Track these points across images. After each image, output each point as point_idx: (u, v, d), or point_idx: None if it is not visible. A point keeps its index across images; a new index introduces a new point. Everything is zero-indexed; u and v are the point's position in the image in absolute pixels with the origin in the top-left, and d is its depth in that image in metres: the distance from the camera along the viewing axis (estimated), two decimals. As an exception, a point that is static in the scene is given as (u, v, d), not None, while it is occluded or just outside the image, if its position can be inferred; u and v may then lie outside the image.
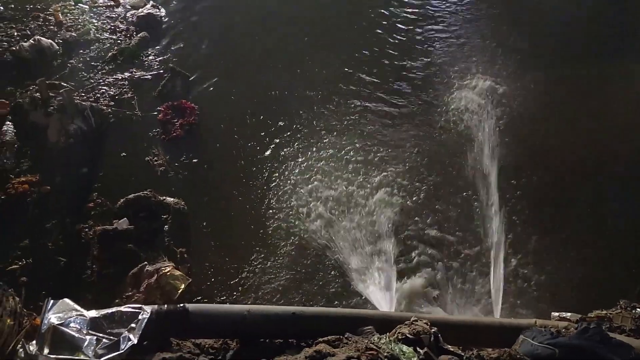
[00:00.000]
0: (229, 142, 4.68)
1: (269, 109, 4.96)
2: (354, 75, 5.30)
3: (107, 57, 5.21)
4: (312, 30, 5.75)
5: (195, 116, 4.79)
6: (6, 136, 4.26)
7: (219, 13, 5.94)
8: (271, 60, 5.44)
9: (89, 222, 3.91)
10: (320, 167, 4.44)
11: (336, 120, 4.89)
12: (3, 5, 5.56)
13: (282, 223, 4.07)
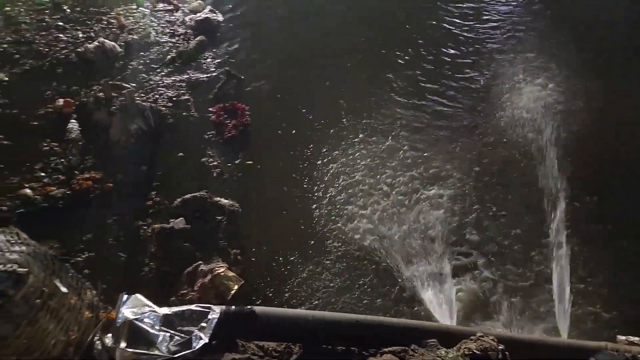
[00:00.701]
0: (281, 144, 4.71)
1: (320, 111, 4.97)
2: (410, 80, 5.25)
3: (166, 59, 5.33)
4: (366, 37, 5.73)
5: (246, 117, 4.82)
6: (72, 134, 4.40)
7: (273, 17, 6.03)
8: (324, 62, 5.44)
9: (148, 220, 3.97)
10: (374, 172, 4.39)
11: (384, 124, 4.84)
12: (70, 8, 5.78)
13: (336, 227, 4.03)
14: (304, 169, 4.44)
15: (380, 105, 5.04)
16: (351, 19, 6.12)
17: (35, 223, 3.70)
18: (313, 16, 6.11)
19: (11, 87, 4.84)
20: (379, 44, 5.76)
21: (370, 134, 4.75)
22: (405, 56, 5.56)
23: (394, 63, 5.50)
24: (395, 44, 5.74)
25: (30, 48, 5.25)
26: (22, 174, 4.08)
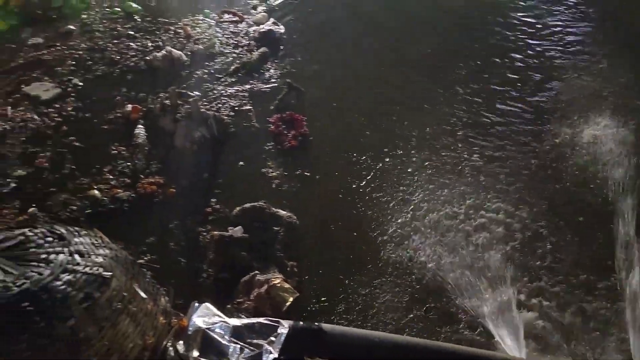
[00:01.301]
0: (339, 157, 4.70)
1: (379, 125, 4.97)
2: (482, 98, 5.16)
3: (229, 69, 5.44)
4: (431, 49, 5.70)
5: (305, 127, 4.86)
6: (139, 139, 4.55)
7: (335, 31, 6.09)
8: (385, 76, 5.45)
9: (207, 227, 4.04)
10: (436, 204, 4.31)
11: (449, 142, 4.77)
12: (140, 18, 6.01)
13: (396, 250, 3.98)
14: (363, 189, 4.40)
15: (446, 131, 4.95)
16: (420, 34, 6.08)
17: (102, 224, 3.83)
18: (376, 30, 6.13)
19: (84, 92, 5.07)
20: (448, 58, 5.68)
21: (436, 166, 4.65)
22: (477, 73, 5.47)
23: (464, 81, 5.41)
24: (468, 56, 5.65)
25: (103, 55, 5.49)
26: (92, 176, 4.25)
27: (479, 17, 6.40)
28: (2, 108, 4.80)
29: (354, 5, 6.61)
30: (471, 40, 6.01)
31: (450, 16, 6.42)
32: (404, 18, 6.44)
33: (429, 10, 6.57)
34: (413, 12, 6.54)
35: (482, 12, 6.49)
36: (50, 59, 5.42)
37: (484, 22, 6.33)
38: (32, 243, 1.84)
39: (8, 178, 4.21)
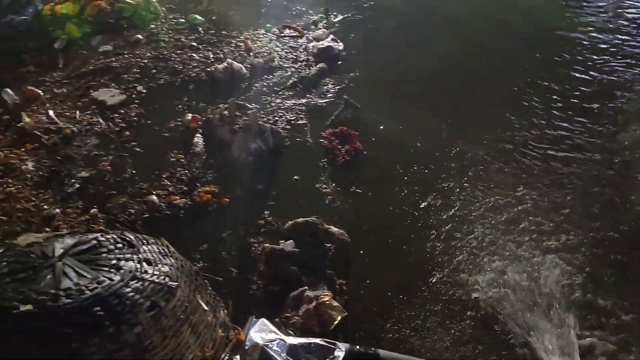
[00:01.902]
0: (393, 175, 4.67)
1: (435, 144, 4.92)
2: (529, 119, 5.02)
3: (288, 83, 5.51)
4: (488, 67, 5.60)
5: (357, 143, 4.84)
6: (197, 147, 4.65)
7: (394, 49, 6.10)
8: (443, 94, 5.40)
9: (259, 238, 4.07)
10: (497, 234, 4.19)
11: (508, 162, 4.64)
12: (204, 31, 6.19)
13: (449, 274, 3.89)
14: (416, 209, 4.34)
15: (503, 151, 4.84)
16: (479, 53, 6.00)
17: (158, 229, 3.92)
18: (435, 48, 6.09)
19: (147, 100, 5.24)
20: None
21: (496, 187, 4.54)
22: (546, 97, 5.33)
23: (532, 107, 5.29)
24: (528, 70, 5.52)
25: (167, 65, 5.67)
26: (151, 181, 4.36)
27: (538, 33, 6.27)
28: (72, 111, 5.01)
29: (414, 26, 6.60)
30: (532, 57, 5.88)
31: (504, 29, 6.32)
32: (463, 37, 6.38)
33: (485, 28, 6.49)
34: (471, 31, 6.47)
35: (540, 28, 6.38)
36: (118, 66, 5.64)
37: (544, 39, 6.21)
38: (104, 248, 1.89)
39: (73, 179, 4.37)
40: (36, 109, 5.01)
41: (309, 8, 6.86)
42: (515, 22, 6.70)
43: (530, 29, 6.64)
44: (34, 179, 4.31)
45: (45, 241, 1.86)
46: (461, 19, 6.72)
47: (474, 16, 6.77)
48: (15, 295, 1.63)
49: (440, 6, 6.95)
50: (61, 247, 1.83)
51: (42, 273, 1.71)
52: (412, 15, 6.77)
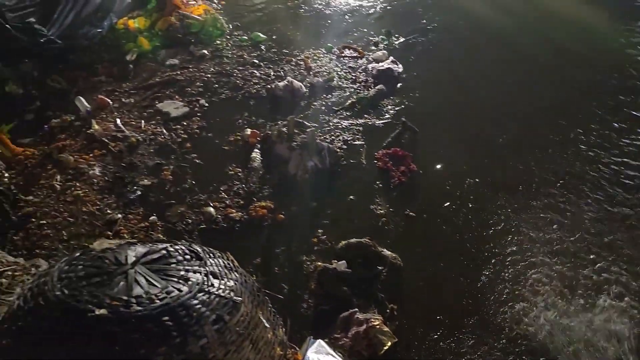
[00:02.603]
0: (449, 199, 4.59)
1: (492, 171, 4.83)
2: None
3: (346, 103, 5.54)
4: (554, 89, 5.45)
5: (412, 164, 4.80)
6: (254, 162, 4.73)
7: (455, 74, 6.04)
8: (503, 122, 5.31)
9: (312, 256, 4.08)
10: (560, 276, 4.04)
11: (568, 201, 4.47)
12: (266, 49, 6.34)
13: (507, 303, 3.76)
14: (472, 235, 4.23)
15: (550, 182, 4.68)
16: (546, 81, 5.86)
17: (213, 240, 4.01)
18: (497, 75, 5.99)
19: (209, 113, 5.39)
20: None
21: (558, 220, 4.39)
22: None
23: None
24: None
25: (229, 80, 5.83)
26: (209, 193, 4.46)
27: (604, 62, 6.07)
28: (138, 121, 5.22)
29: (476, 50, 6.53)
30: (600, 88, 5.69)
31: (572, 59, 6.16)
32: (525, 64, 6.26)
33: (553, 57, 6.35)
34: (535, 58, 6.34)
35: (607, 57, 6.19)
36: (183, 80, 5.85)
37: (611, 68, 6.01)
38: (173, 259, 1.94)
39: (135, 186, 4.53)
40: (105, 117, 5.24)
41: (370, 29, 6.91)
42: (584, 50, 6.49)
43: (596, 54, 6.42)
44: (100, 184, 4.50)
45: (119, 248, 1.93)
46: (525, 45, 6.59)
47: (538, 43, 6.63)
48: (91, 298, 1.69)
49: (505, 32, 6.86)
50: (134, 255, 1.89)
51: (115, 279, 1.77)
52: (475, 39, 6.70)
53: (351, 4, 7.51)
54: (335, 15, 7.25)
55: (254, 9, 7.38)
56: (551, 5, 7.48)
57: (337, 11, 7.34)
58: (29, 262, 2.98)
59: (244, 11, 7.27)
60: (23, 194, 4.29)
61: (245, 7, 7.38)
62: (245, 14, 7.19)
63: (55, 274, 1.81)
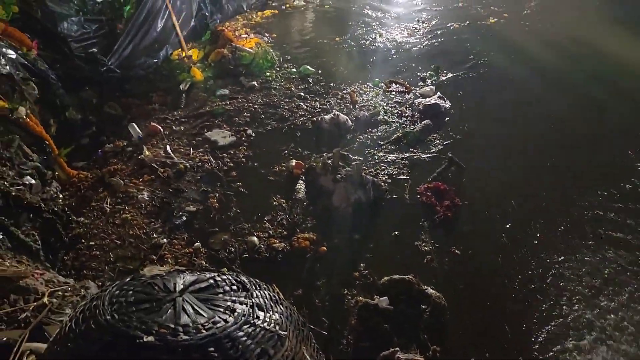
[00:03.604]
0: (496, 237, 4.45)
1: (537, 213, 4.65)
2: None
3: (391, 138, 5.53)
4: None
5: (456, 199, 4.70)
6: (299, 194, 4.75)
7: (503, 113, 5.96)
8: (551, 165, 5.15)
9: (353, 291, 4.01)
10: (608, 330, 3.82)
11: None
12: (313, 82, 6.44)
13: (558, 351, 3.56)
14: (518, 277, 4.08)
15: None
16: (604, 128, 5.69)
17: (255, 270, 4.01)
18: (547, 116, 5.86)
19: (255, 143, 5.47)
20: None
21: (618, 270, 4.19)
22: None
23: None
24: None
25: (276, 111, 5.93)
26: (253, 222, 4.49)
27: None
28: (186, 148, 5.35)
29: (526, 88, 6.44)
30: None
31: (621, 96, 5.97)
32: (577, 103, 6.11)
33: (608, 97, 6.18)
34: (588, 98, 6.18)
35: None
36: (231, 109, 5.99)
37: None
38: (220, 288, 1.94)
39: (181, 212, 4.61)
40: (156, 144, 5.41)
41: (418, 65, 6.94)
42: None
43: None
44: (147, 208, 4.60)
45: (168, 275, 1.94)
46: (577, 85, 6.43)
47: (591, 82, 6.46)
48: (140, 324, 1.69)
49: (555, 69, 6.75)
50: (182, 283, 1.89)
51: (164, 306, 1.78)
52: (524, 77, 6.62)
53: (398, 41, 7.57)
54: (381, 51, 7.33)
55: (302, 43, 7.55)
56: (606, 47, 7.31)
57: (383, 47, 7.43)
58: (78, 283, 3.05)
59: (293, 45, 7.44)
60: (75, 215, 4.43)
61: (294, 41, 7.55)
62: (294, 48, 7.35)
63: (106, 298, 1.83)
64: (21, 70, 4.66)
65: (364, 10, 8.46)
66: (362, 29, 7.84)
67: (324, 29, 7.89)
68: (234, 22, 7.86)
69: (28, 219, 3.87)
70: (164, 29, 6.41)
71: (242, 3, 8.14)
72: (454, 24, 7.96)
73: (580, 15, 8.31)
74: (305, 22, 8.05)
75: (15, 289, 2.67)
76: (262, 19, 8.02)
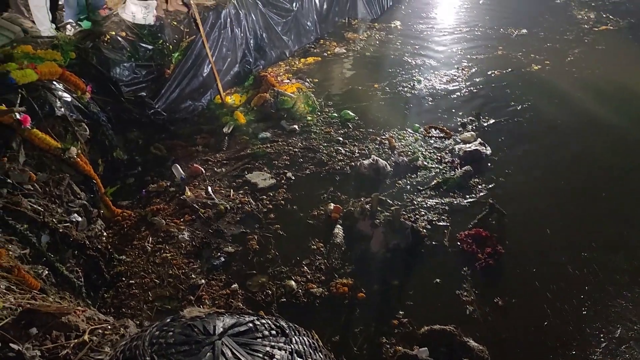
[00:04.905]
0: (541, 287, 4.28)
1: (582, 263, 4.46)
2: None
3: (431, 183, 5.48)
4: None
5: (498, 246, 4.56)
6: (337, 238, 4.72)
7: (547, 161, 5.84)
8: (594, 217, 4.95)
9: (391, 339, 3.90)
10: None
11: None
12: (353, 127, 6.50)
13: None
14: (565, 331, 3.87)
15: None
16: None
17: (293, 314, 3.96)
18: (594, 168, 5.69)
19: (294, 186, 5.51)
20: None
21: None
22: None
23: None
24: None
25: (315, 155, 5.98)
26: (291, 266, 4.47)
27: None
28: (227, 189, 5.43)
29: (570, 136, 6.32)
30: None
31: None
32: (625, 155, 5.92)
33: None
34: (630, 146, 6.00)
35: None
36: (272, 152, 6.08)
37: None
38: (259, 333, 1.91)
39: (220, 252, 4.64)
40: (198, 185, 5.52)
41: (458, 110, 6.93)
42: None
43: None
44: (187, 248, 4.65)
45: (208, 317, 1.93)
46: (622, 131, 6.27)
47: (638, 128, 6.28)
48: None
49: (601, 116, 6.61)
50: (221, 326, 1.87)
51: (203, 349, 1.76)
52: (569, 123, 6.50)
53: (437, 87, 7.61)
54: (420, 97, 7.38)
55: (343, 88, 7.68)
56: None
57: (422, 93, 7.47)
58: (118, 322, 3.07)
59: (333, 90, 7.58)
60: (117, 253, 4.51)
61: (335, 87, 7.70)
62: (335, 93, 7.49)
63: (146, 338, 1.83)
64: (75, 112, 4.90)
65: (404, 58, 8.57)
66: (401, 76, 7.93)
67: (364, 75, 8.02)
68: (277, 67, 8.10)
69: (73, 255, 3.96)
70: (210, 75, 6.65)
71: (284, 50, 8.40)
72: (495, 71, 7.96)
73: (625, 62, 8.19)
74: (345, 69, 8.21)
75: (58, 326, 2.70)
76: (304, 65, 8.23)
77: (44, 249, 3.56)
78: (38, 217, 3.70)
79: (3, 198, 3.57)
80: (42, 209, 3.82)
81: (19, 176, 3.79)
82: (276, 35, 8.25)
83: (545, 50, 8.83)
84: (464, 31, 9.97)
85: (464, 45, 9.27)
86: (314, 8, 9.13)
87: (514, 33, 9.74)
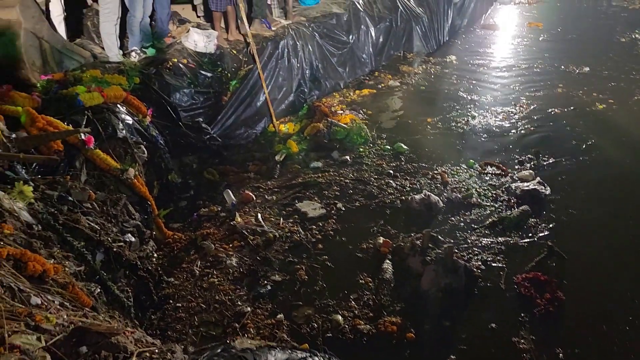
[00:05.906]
0: (604, 341, 3.95)
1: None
2: None
3: (486, 222, 5.28)
4: None
5: (558, 292, 4.28)
6: (386, 274, 4.59)
7: (609, 204, 5.54)
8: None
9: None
10: None
11: None
12: (405, 160, 6.39)
13: None
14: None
15: None
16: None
17: (338, 350, 3.82)
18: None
19: (344, 217, 5.43)
20: None
21: None
22: None
23: None
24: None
25: (365, 188, 5.91)
26: (338, 300, 4.35)
27: None
28: (277, 217, 5.42)
29: (634, 177, 5.97)
30: None
31: None
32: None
33: None
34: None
35: None
36: (323, 182, 6.05)
37: None
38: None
39: (267, 281, 4.59)
40: (248, 211, 5.53)
41: (516, 147, 6.73)
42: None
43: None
44: (234, 274, 4.63)
45: (259, 350, 1.87)
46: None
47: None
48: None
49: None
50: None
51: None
52: (635, 163, 6.15)
53: (492, 124, 7.44)
54: (474, 133, 7.22)
55: (396, 121, 7.64)
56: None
57: (476, 129, 7.32)
58: (165, 346, 3.04)
59: (386, 123, 7.54)
60: (166, 275, 4.54)
61: (388, 119, 7.66)
62: (388, 126, 7.44)
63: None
64: (135, 134, 5.06)
65: (459, 93, 8.46)
66: (456, 111, 7.81)
67: (417, 108, 7.95)
68: (331, 98, 8.15)
69: (124, 275, 4.01)
70: (265, 103, 6.76)
71: (339, 81, 8.46)
72: (555, 109, 7.72)
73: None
74: (399, 102, 8.17)
75: (107, 346, 2.69)
76: (358, 96, 8.26)
77: (98, 266, 3.61)
78: (95, 235, 3.77)
79: (63, 215, 3.66)
80: (98, 227, 3.89)
81: (80, 194, 3.90)
82: (331, 66, 8.34)
83: (609, 89, 8.51)
84: (523, 67, 9.79)
85: (522, 81, 9.08)
86: (369, 41, 9.21)
87: (576, 71, 9.47)
